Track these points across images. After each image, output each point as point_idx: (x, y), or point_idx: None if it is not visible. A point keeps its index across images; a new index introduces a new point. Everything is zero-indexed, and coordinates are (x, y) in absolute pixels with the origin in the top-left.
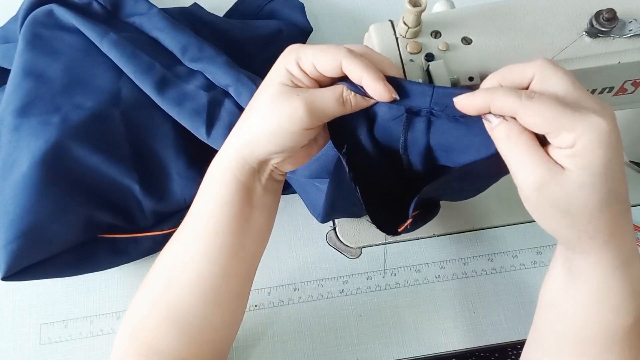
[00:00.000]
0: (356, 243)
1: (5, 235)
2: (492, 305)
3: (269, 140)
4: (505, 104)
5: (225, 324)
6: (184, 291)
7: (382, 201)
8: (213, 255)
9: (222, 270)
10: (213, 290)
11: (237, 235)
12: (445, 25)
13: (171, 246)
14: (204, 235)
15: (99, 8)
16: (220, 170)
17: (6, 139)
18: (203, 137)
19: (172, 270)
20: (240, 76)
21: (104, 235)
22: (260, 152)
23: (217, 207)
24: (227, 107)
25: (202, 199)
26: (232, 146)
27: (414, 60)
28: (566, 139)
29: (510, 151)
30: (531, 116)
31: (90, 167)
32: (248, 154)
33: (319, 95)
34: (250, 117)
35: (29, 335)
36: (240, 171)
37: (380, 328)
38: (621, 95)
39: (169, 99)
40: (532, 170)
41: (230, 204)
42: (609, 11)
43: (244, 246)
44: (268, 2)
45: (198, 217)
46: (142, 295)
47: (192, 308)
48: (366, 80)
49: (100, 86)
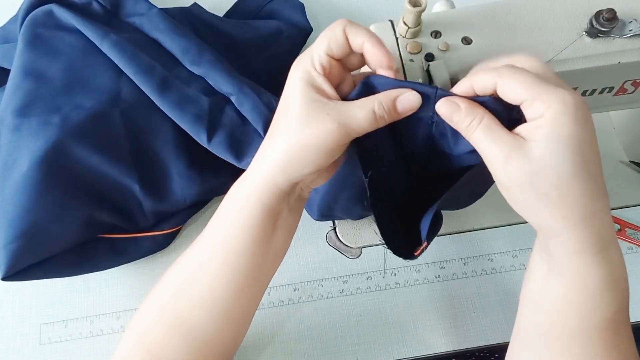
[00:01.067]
0: (356, 243)
1: (5, 235)
2: (492, 305)
3: (303, 162)
4: (486, 78)
5: (233, 340)
6: (196, 307)
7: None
8: (230, 276)
9: (237, 290)
10: (225, 309)
11: (257, 257)
12: (445, 25)
13: (187, 260)
14: (224, 256)
15: (99, 8)
16: (247, 194)
17: (6, 139)
18: (204, 142)
19: (185, 284)
20: (243, 86)
21: (104, 235)
22: (293, 174)
23: (240, 233)
24: (229, 113)
25: (224, 221)
26: (262, 171)
27: (414, 60)
28: (538, 107)
29: (475, 138)
30: (508, 85)
31: (90, 167)
32: (280, 178)
33: (351, 114)
34: (280, 138)
35: (29, 335)
36: (269, 196)
37: (380, 328)
38: (621, 95)
39: (170, 101)
40: (495, 148)
41: (255, 228)
42: (609, 11)
43: (262, 267)
44: (268, 2)
45: (220, 238)
46: (152, 304)
47: (203, 324)
48: (368, 45)
49: (100, 86)
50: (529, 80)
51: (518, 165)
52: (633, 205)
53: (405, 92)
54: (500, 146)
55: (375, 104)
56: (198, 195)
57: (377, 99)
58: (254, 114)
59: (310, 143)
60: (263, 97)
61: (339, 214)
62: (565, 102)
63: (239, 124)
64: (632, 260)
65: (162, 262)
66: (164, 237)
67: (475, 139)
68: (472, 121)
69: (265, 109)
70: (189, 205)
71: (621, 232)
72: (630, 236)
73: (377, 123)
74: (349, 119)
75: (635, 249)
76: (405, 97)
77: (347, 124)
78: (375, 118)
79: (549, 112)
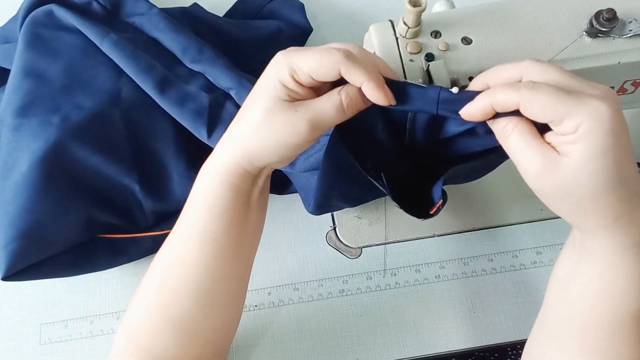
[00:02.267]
0: (356, 243)
1: (5, 235)
2: (492, 305)
3: (270, 152)
4: (507, 99)
5: (225, 323)
6: (181, 297)
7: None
8: (211, 261)
9: (220, 273)
10: (212, 294)
11: (235, 237)
12: (445, 25)
13: (166, 252)
14: (201, 242)
15: (98, 8)
16: (215, 178)
17: (6, 139)
18: (204, 138)
19: (167, 276)
20: (242, 79)
21: (104, 235)
22: (260, 162)
23: (214, 215)
24: (229, 109)
25: (196, 206)
26: (228, 155)
27: (414, 60)
28: (568, 125)
29: (508, 145)
30: (532, 106)
31: (90, 167)
32: (247, 164)
33: (318, 109)
34: (246, 128)
35: (29, 335)
36: (238, 178)
37: (380, 328)
38: (621, 95)
39: (170, 100)
40: (529, 162)
41: (228, 210)
42: (609, 11)
43: (241, 247)
44: (268, 2)
45: (194, 224)
46: (139, 300)
47: (192, 313)
48: (366, 87)
49: (100, 86)
50: (553, 99)
51: (552, 180)
52: None
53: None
54: (534, 159)
55: (342, 95)
56: None
57: (343, 89)
58: None
59: (278, 139)
60: None
61: (337, 203)
62: (597, 116)
63: None
64: None
65: None
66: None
67: (509, 145)
68: (506, 125)
69: None
70: None
71: None
72: None
73: (345, 114)
74: (317, 115)
75: None
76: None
77: (315, 120)
78: (344, 108)
79: (581, 128)
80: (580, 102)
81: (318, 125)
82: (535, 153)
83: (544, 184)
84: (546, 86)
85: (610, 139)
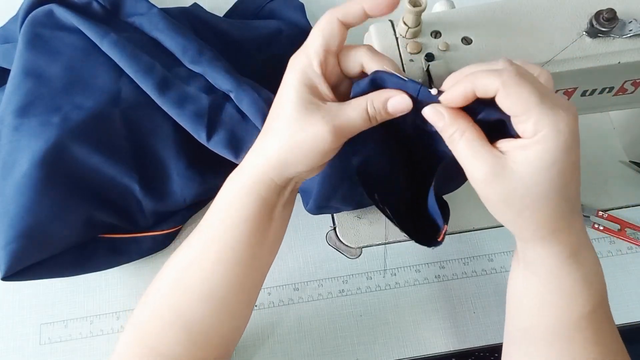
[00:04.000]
0: (356, 243)
1: (5, 235)
2: (492, 305)
3: (298, 162)
4: (489, 83)
5: (233, 330)
6: (193, 300)
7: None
8: (227, 267)
9: (235, 281)
10: (225, 301)
11: (254, 248)
12: (445, 25)
13: (183, 253)
14: (220, 248)
15: (98, 8)
16: (242, 188)
17: (6, 139)
18: (203, 140)
19: (182, 278)
20: (242, 83)
21: (104, 235)
22: (288, 172)
23: (237, 224)
24: (229, 111)
25: (220, 213)
26: (257, 166)
27: (414, 60)
28: (530, 126)
29: (456, 150)
30: (509, 95)
31: (90, 167)
32: (275, 175)
33: (345, 116)
34: (273, 138)
35: (29, 335)
36: (264, 189)
37: (380, 328)
38: (621, 95)
39: (170, 100)
40: (476, 167)
41: (251, 221)
42: (609, 11)
43: (259, 258)
44: (268, 2)
45: (215, 230)
46: (149, 299)
47: (201, 317)
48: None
49: (100, 86)
50: (532, 98)
51: (496, 186)
52: (633, 205)
53: (396, 94)
54: (480, 165)
55: (367, 104)
56: (198, 195)
57: (369, 100)
58: (253, 110)
59: (305, 146)
60: (262, 93)
61: (337, 204)
62: (559, 127)
63: (239, 120)
64: (632, 260)
65: (162, 262)
66: (164, 237)
67: (457, 151)
68: (454, 132)
69: (264, 105)
70: (189, 205)
71: (621, 232)
72: (630, 236)
73: (370, 123)
74: (344, 122)
75: (635, 249)
76: (396, 100)
77: (341, 127)
78: (369, 118)
79: (539, 135)
80: (551, 109)
81: (343, 132)
82: (483, 158)
83: (489, 189)
84: (527, 82)
85: (562, 152)
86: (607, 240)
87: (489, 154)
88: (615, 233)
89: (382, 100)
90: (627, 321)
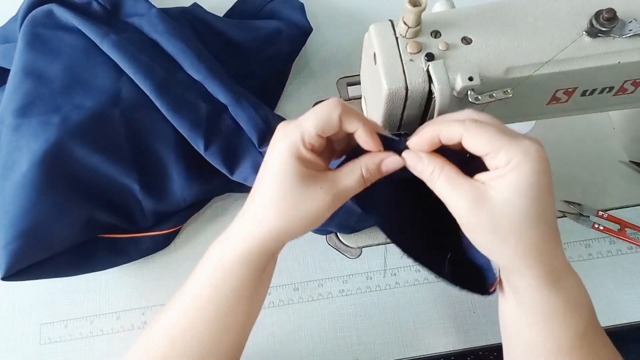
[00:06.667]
0: (356, 243)
1: (5, 235)
2: (492, 305)
3: (300, 229)
4: (453, 130)
5: None
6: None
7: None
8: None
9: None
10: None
11: (245, 310)
12: (445, 25)
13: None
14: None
15: (98, 8)
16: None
17: (6, 139)
18: (200, 150)
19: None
20: (240, 97)
21: (104, 235)
22: (287, 240)
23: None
24: (226, 121)
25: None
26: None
27: (413, 60)
28: (502, 158)
29: (437, 188)
30: (474, 138)
31: (90, 167)
32: (275, 245)
33: (342, 184)
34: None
35: (29, 335)
36: (260, 258)
37: (380, 328)
38: (621, 95)
39: (169, 104)
40: (457, 198)
41: (245, 288)
42: (609, 11)
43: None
44: (268, 2)
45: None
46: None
47: None
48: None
49: (100, 86)
50: (495, 135)
51: (478, 215)
52: (633, 205)
53: (388, 156)
54: (462, 197)
55: (362, 169)
56: (198, 195)
57: (363, 164)
58: (249, 126)
59: (307, 217)
60: (260, 110)
61: (332, 229)
62: (528, 153)
63: (235, 131)
64: (632, 260)
65: (162, 262)
66: (164, 237)
67: (438, 188)
68: (433, 170)
69: (261, 122)
70: (189, 205)
71: (621, 232)
72: (630, 236)
73: (364, 185)
74: (341, 190)
75: (635, 249)
76: (390, 161)
77: (339, 194)
78: (364, 181)
79: (511, 162)
80: (515, 140)
81: (341, 199)
82: (464, 190)
83: (473, 218)
84: (487, 124)
85: (537, 174)
86: (607, 240)
87: (469, 184)
88: (615, 233)
89: (376, 163)
90: (627, 321)
